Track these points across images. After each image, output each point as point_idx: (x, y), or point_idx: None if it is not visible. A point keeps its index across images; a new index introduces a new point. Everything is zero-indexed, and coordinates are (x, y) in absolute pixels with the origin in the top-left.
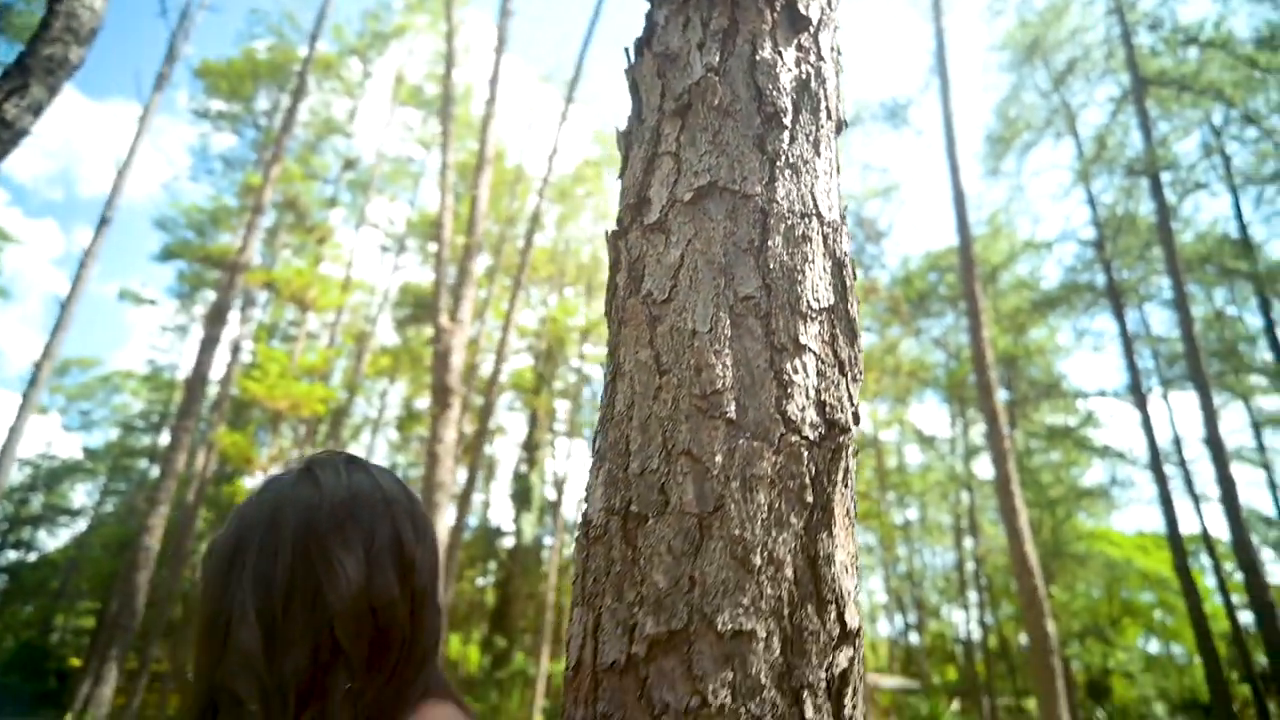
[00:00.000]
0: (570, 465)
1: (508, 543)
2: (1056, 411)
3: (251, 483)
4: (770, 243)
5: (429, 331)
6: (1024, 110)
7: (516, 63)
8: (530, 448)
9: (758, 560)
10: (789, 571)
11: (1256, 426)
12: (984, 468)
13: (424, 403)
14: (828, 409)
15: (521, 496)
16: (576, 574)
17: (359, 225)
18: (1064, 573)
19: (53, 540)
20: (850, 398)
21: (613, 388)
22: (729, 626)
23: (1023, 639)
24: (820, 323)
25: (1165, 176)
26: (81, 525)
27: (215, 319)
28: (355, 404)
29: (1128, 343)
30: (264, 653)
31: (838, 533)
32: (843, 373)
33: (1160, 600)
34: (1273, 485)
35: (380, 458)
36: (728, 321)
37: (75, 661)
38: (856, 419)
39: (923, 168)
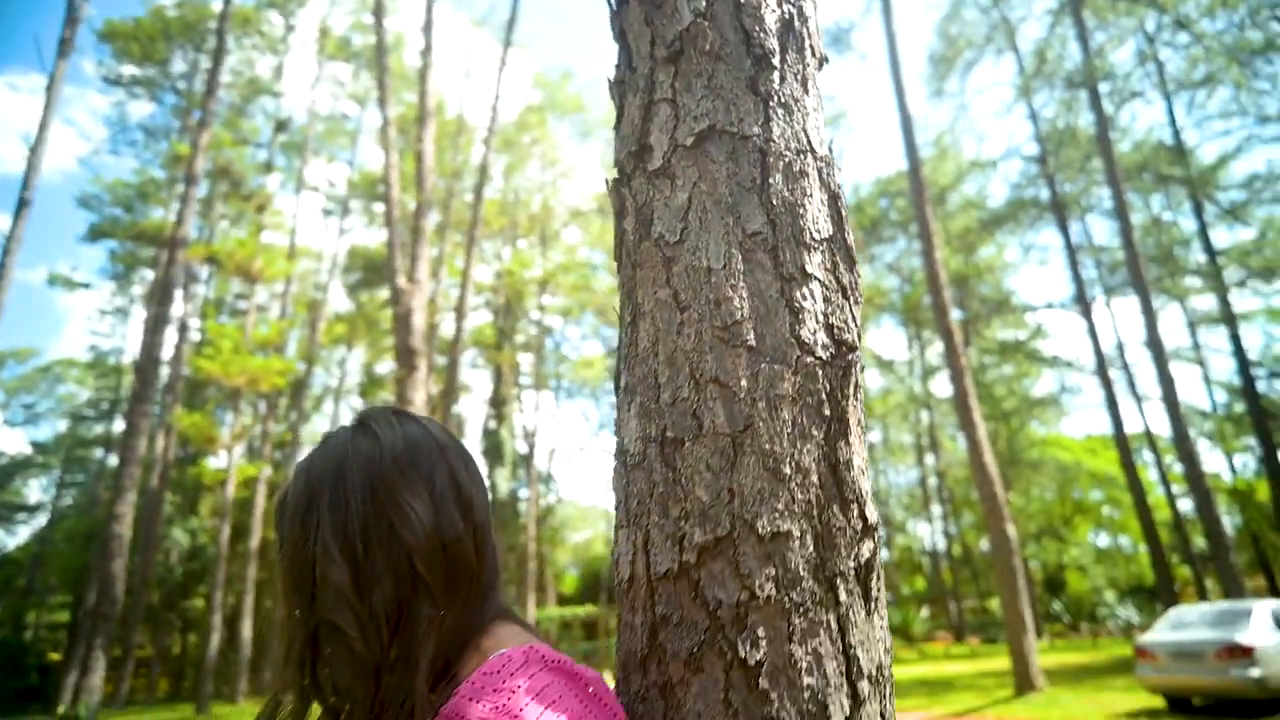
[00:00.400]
0: (539, 418)
1: None
2: (1007, 327)
3: (216, 462)
4: (771, 180)
5: (383, 295)
6: (965, 28)
7: (449, 8)
8: (497, 404)
9: (787, 470)
10: (815, 478)
11: (1192, 326)
12: (942, 386)
13: (386, 367)
14: (836, 331)
15: (493, 452)
16: (618, 500)
17: (298, 189)
18: (1020, 479)
19: (12, 538)
20: (854, 319)
21: (634, 328)
22: (768, 529)
23: (984, 544)
24: (822, 252)
25: (1103, 87)
26: (41, 520)
27: (159, 298)
28: (314, 375)
29: (1072, 254)
30: (354, 588)
31: (853, 441)
32: (845, 297)
33: (1108, 497)
34: (1207, 380)
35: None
36: (739, 257)
37: (54, 656)
38: (860, 338)
39: (868, 93)
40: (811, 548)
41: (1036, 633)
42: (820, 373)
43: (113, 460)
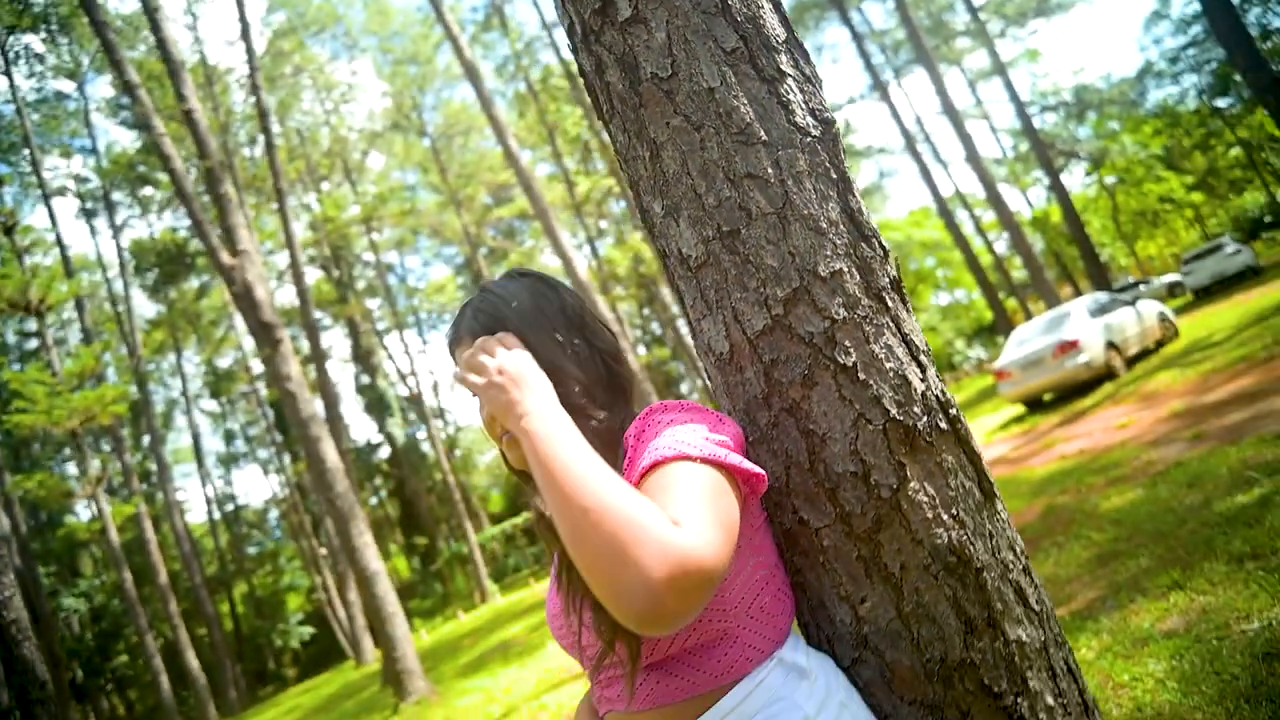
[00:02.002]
0: (409, 358)
1: (384, 453)
2: None
3: (85, 517)
4: (729, 1)
5: (191, 285)
6: None
7: None
8: (362, 358)
9: (824, 225)
10: (843, 226)
11: (972, 85)
12: None
13: (225, 360)
14: (817, 113)
15: (376, 406)
16: (693, 298)
17: (45, 197)
18: None
19: None
20: (823, 100)
21: (657, 159)
22: (826, 271)
23: None
24: (786, 52)
25: None
26: None
27: None
28: (149, 392)
29: (860, 44)
30: (582, 369)
31: (855, 192)
32: (812, 84)
33: (940, 260)
34: (993, 130)
35: (206, 432)
36: (730, 72)
37: None
38: (832, 116)
39: None
40: (858, 276)
41: None
42: (820, 147)
43: None
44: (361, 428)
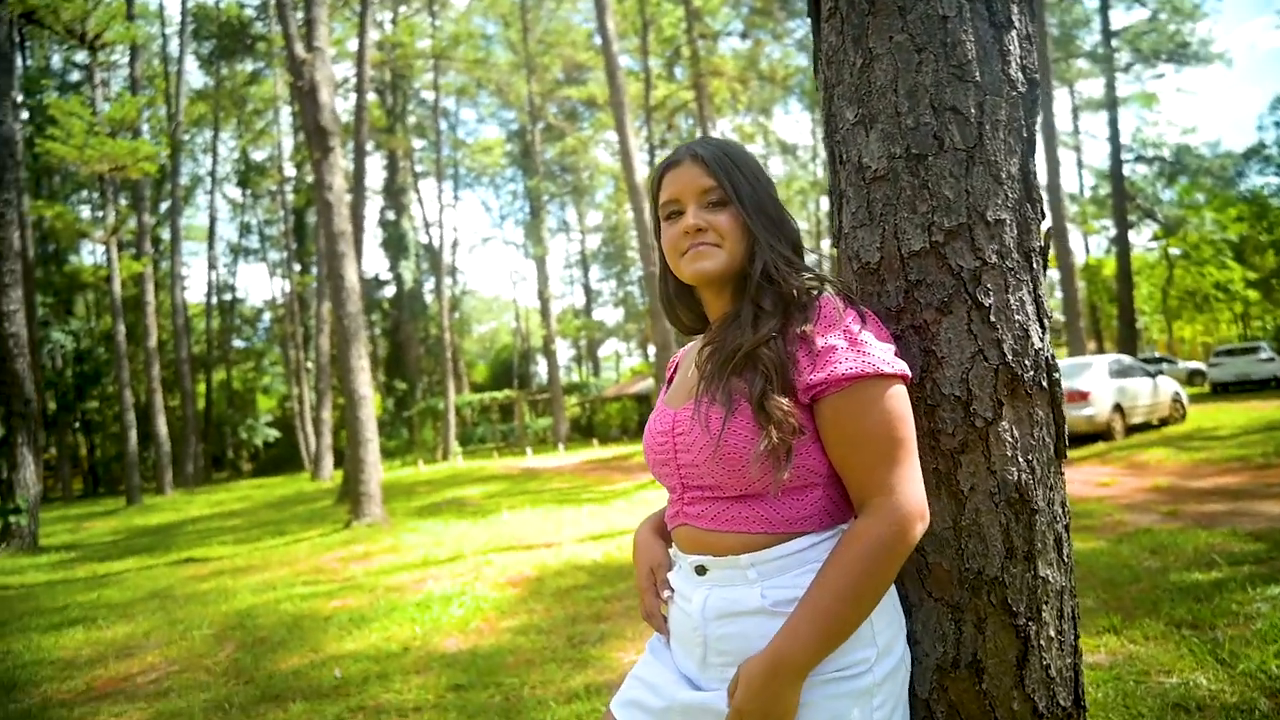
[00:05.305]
0: (438, 208)
1: (388, 292)
2: None
3: (90, 259)
4: None
5: (244, 68)
6: None
7: None
8: (393, 193)
9: (1003, 175)
10: (1018, 182)
11: (1076, 111)
12: None
13: (259, 154)
14: (1028, 70)
15: (395, 244)
16: (857, 205)
17: None
18: None
19: None
20: (1035, 61)
21: (869, 69)
22: (992, 217)
23: None
24: (1019, 3)
25: None
26: None
27: None
28: (179, 161)
29: None
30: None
31: (1035, 157)
32: (1031, 42)
33: None
34: (1079, 164)
35: (223, 218)
36: (967, 7)
37: None
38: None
39: None
40: (1016, 231)
41: None
42: (1020, 103)
43: None
44: (374, 262)
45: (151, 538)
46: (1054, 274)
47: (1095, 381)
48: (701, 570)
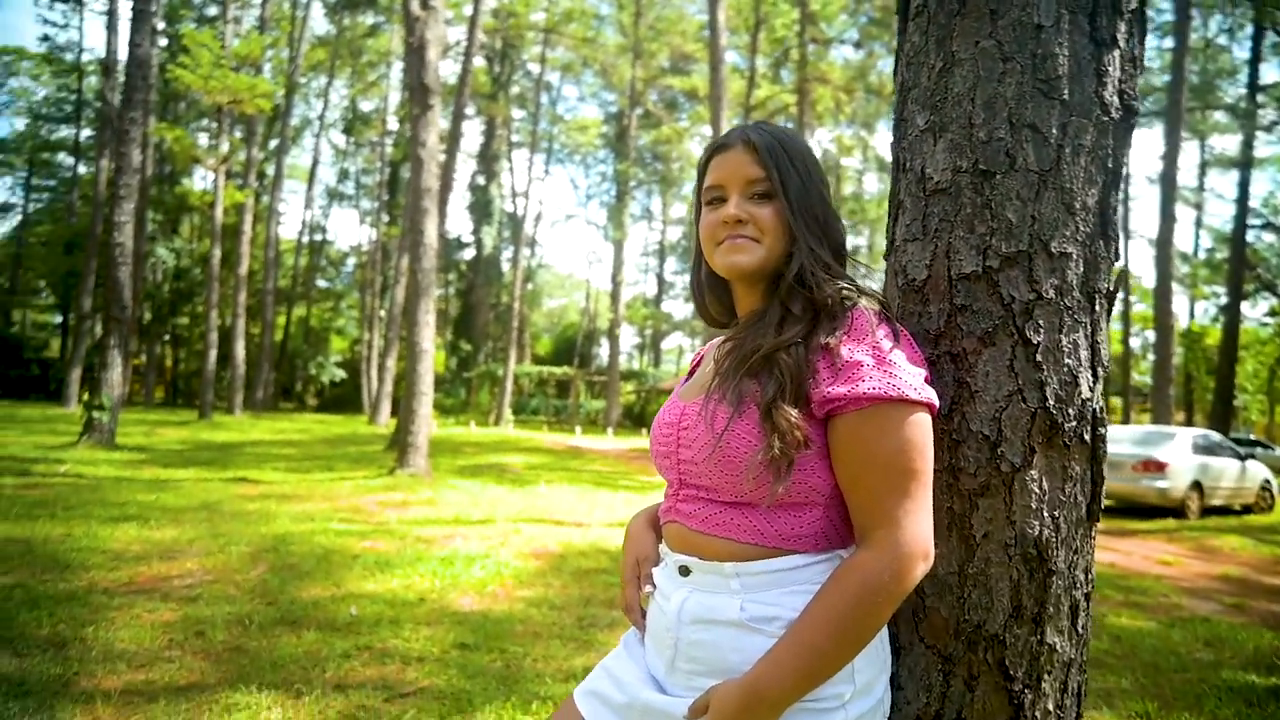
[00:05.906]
0: (528, 179)
1: (467, 254)
2: None
3: (200, 184)
4: None
5: (365, 20)
6: None
7: None
8: (487, 159)
9: (1077, 205)
10: (1093, 215)
11: (1204, 167)
12: None
13: (367, 105)
14: (1126, 96)
15: (480, 208)
16: (913, 218)
17: None
18: None
19: None
20: (1137, 87)
21: (949, 74)
22: (1057, 249)
23: None
24: (1128, 22)
25: None
26: (12, 221)
27: None
28: (292, 103)
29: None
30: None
31: (1118, 191)
32: (1135, 67)
33: None
34: (1199, 224)
35: (325, 162)
36: (1067, 17)
37: (51, 352)
38: (1139, 105)
39: None
40: (1082, 268)
41: None
42: (1111, 131)
43: (82, 168)
44: (458, 223)
45: (213, 453)
46: (1149, 334)
47: (1175, 454)
48: (685, 571)
